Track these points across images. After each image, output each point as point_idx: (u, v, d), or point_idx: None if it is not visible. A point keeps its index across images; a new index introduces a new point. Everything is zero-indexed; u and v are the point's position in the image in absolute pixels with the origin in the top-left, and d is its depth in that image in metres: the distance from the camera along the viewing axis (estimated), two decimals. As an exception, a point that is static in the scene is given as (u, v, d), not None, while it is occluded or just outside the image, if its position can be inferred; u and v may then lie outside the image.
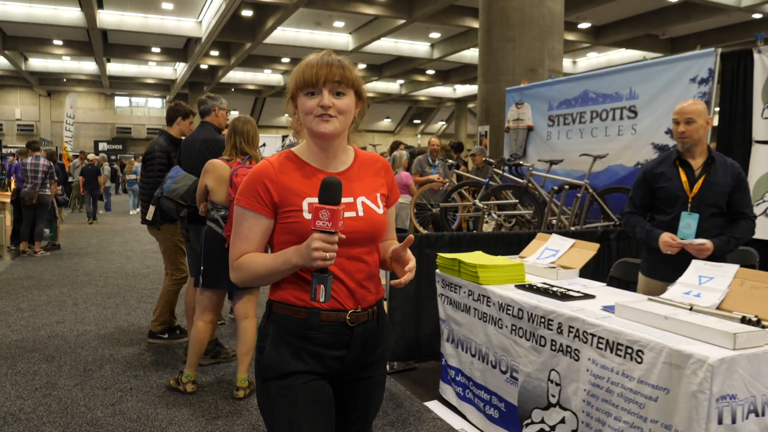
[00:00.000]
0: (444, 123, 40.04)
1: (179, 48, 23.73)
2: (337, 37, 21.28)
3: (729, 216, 2.92)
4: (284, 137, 12.50)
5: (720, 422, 1.99)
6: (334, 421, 1.59)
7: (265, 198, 1.51)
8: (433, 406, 3.39)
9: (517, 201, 5.93)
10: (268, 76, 29.29)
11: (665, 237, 2.85)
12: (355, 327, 1.55)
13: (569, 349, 2.50)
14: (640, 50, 21.49)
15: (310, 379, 1.52)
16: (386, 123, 37.81)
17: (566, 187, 5.71)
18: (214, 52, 22.88)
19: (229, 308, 5.09)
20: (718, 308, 2.37)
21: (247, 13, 18.10)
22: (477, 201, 6.09)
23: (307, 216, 1.47)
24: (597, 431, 2.37)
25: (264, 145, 10.89)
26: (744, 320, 2.18)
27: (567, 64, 24.39)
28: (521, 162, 6.13)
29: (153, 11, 18.65)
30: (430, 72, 26.63)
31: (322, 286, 1.37)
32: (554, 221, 5.64)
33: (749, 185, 4.63)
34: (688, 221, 2.84)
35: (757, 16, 18.03)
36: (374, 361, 1.63)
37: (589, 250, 3.32)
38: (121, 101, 35.16)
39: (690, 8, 17.43)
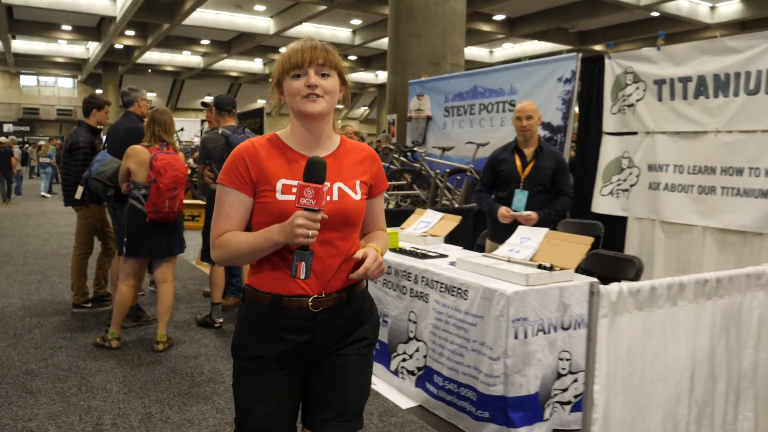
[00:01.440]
0: (367, 108, 40.77)
1: (92, 26, 23.19)
2: (258, 20, 21.51)
3: (552, 193, 3.81)
4: (203, 121, 12.83)
5: (516, 337, 2.84)
6: (296, 408, 1.67)
7: (244, 176, 1.57)
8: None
9: (412, 182, 6.76)
10: (187, 58, 28.98)
11: (502, 210, 3.71)
12: (319, 312, 1.59)
13: (422, 294, 3.31)
14: (552, 42, 23.02)
15: (275, 366, 1.59)
16: (310, 107, 38.23)
17: (447, 171, 6.59)
18: (130, 32, 22.55)
19: (148, 281, 5.62)
20: (530, 260, 3.23)
21: (164, -7, 18.07)
22: None
23: (280, 197, 1.53)
24: (439, 354, 3.18)
25: (182, 129, 11.23)
26: (540, 266, 3.04)
27: (484, 53, 25.70)
28: (416, 149, 6.96)
29: (64, -12, 18.26)
30: (353, 58, 27.25)
31: (302, 263, 1.43)
32: (445, 201, 6.51)
33: (599, 171, 5.65)
34: (520, 197, 3.70)
35: (655, 14, 19.78)
36: (348, 344, 1.65)
37: (453, 221, 4.14)
38: (27, 80, 33.71)
39: (595, 5, 18.91)
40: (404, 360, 3.47)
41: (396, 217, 5.00)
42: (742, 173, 4.56)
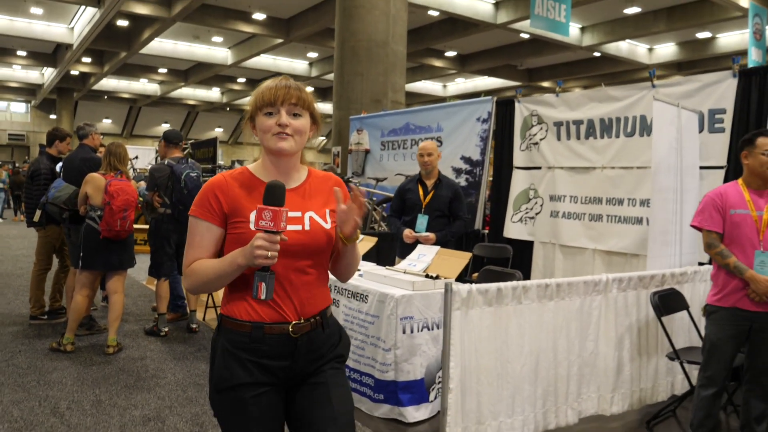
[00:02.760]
0: (324, 138, 41.63)
1: (48, 53, 23.54)
2: (216, 51, 22.23)
3: (449, 218, 4.59)
4: (157, 150, 13.36)
5: (404, 332, 3.57)
6: (283, 428, 1.73)
7: (216, 208, 1.65)
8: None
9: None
10: (144, 86, 29.42)
11: (406, 231, 4.48)
12: (299, 338, 1.66)
13: (334, 300, 4.02)
14: (502, 78, 24.36)
15: (260, 391, 1.65)
16: (269, 136, 38.88)
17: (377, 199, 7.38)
18: (87, 59, 22.97)
19: (101, 297, 6.17)
20: (423, 271, 3.98)
21: (122, 23, 18.64)
22: None
23: (254, 227, 1.55)
24: (347, 349, 3.89)
25: (137, 157, 11.79)
26: (427, 276, 3.80)
27: (438, 87, 26.93)
28: (351, 179, 7.74)
29: (20, 14, 18.66)
30: (310, 89, 28.16)
31: (263, 283, 1.49)
32: (375, 225, 7.29)
33: (510, 200, 6.49)
34: (421, 221, 4.48)
35: (596, 54, 21.28)
36: (322, 365, 1.72)
37: (370, 242, 4.89)
38: (-22, 104, 33.50)
39: (540, 44, 20.26)
40: (321, 357, 4.16)
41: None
42: (623, 203, 5.46)
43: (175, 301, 5.72)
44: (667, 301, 3.71)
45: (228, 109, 33.59)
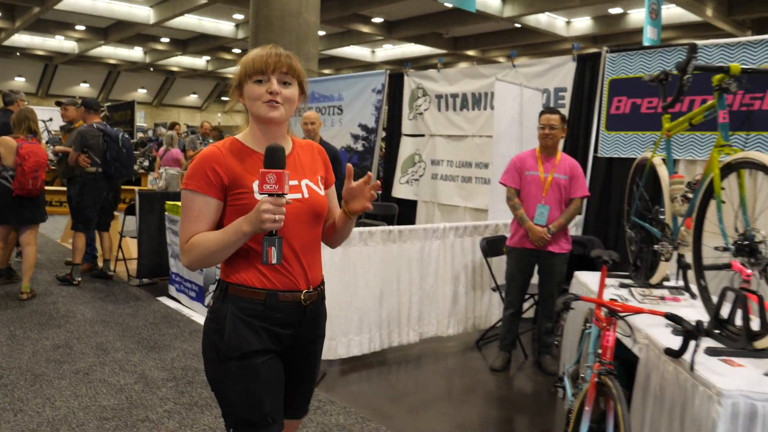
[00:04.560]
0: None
1: (-48, 5, 22.61)
2: (138, 9, 21.99)
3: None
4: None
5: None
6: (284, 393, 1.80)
7: (214, 180, 1.64)
8: (163, 299, 5.56)
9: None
10: (61, 43, 28.59)
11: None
12: (307, 306, 1.74)
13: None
14: (428, 46, 25.11)
15: (269, 357, 1.71)
16: (193, 99, 38.38)
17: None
18: (-4, 13, 22.25)
19: (15, 253, 6.74)
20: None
21: (35, -23, 18.24)
22: None
23: (259, 196, 1.57)
24: (232, 287, 4.71)
25: (51, 119, 11.99)
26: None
27: (366, 52, 27.49)
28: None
29: None
30: (237, 51, 28.16)
31: (273, 248, 1.49)
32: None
33: (399, 164, 7.35)
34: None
35: (517, 25, 22.34)
36: (318, 335, 1.84)
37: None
38: None
39: (464, 14, 21.07)
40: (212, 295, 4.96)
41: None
42: (487, 167, 6.43)
43: (92, 252, 6.36)
44: (494, 245, 4.69)
45: (152, 69, 33.03)
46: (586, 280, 3.43)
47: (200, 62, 31.80)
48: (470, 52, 25.75)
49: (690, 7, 17.50)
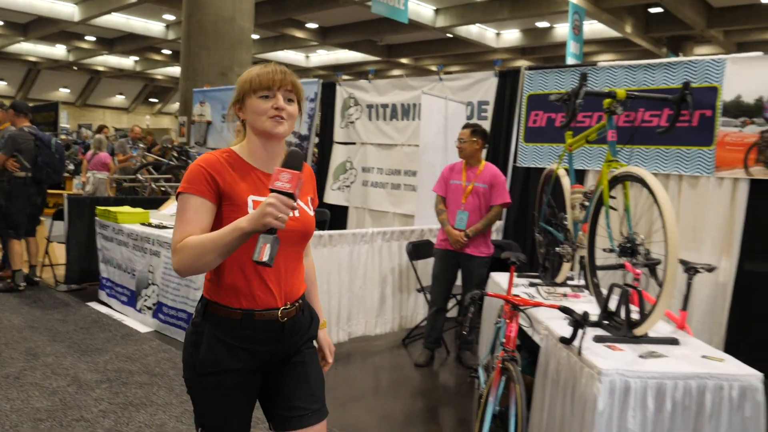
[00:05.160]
0: (181, 103, 40.78)
1: None
2: (61, 5, 21.32)
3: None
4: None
5: (211, 275, 4.57)
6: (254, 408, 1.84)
7: (211, 184, 1.66)
8: (93, 304, 5.60)
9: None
10: (-24, 37, 27.28)
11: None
12: (285, 322, 1.75)
13: (156, 252, 4.94)
14: (362, 53, 25.50)
15: (244, 375, 1.74)
16: (119, 100, 37.34)
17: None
18: None
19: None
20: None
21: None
22: (138, 175, 8.45)
23: (270, 188, 1.53)
24: (166, 291, 4.84)
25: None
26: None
27: (300, 57, 27.61)
28: (189, 148, 8.54)
29: None
30: (167, 52, 27.70)
31: (267, 245, 1.41)
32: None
33: (331, 171, 7.58)
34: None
35: (449, 35, 23.03)
36: (301, 345, 1.84)
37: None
38: None
39: (397, 23, 21.51)
40: (145, 300, 5.07)
41: (154, 202, 6.59)
42: (415, 175, 6.77)
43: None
44: (420, 249, 5.02)
45: (75, 68, 31.95)
46: (500, 280, 3.80)
47: (128, 62, 31.02)
48: (404, 60, 26.31)
49: (610, 23, 18.60)
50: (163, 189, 8.44)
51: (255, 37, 19.94)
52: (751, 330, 4.54)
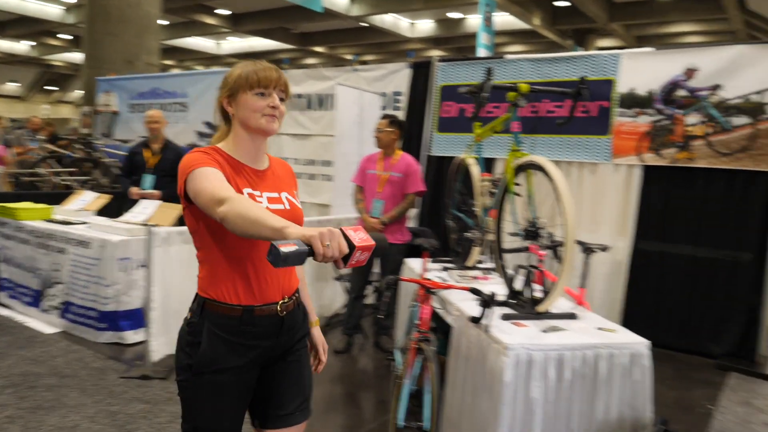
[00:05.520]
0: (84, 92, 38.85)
1: None
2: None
3: (175, 177, 5.54)
4: None
5: (122, 271, 4.48)
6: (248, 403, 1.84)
7: (220, 162, 1.69)
8: (-7, 306, 5.35)
9: (93, 169, 8.07)
10: None
11: (132, 189, 5.32)
12: (285, 316, 1.78)
13: (62, 249, 4.77)
14: (276, 41, 25.16)
15: (241, 373, 1.74)
16: (12, 87, 35.05)
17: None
18: None
19: None
20: (145, 221, 4.89)
21: None
22: (38, 169, 8.10)
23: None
24: (74, 290, 4.69)
25: None
26: (145, 225, 4.73)
27: (211, 44, 26.94)
28: (92, 140, 8.24)
29: None
30: (66, 37, 26.26)
31: (295, 247, 1.31)
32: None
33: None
34: (147, 179, 5.36)
35: (364, 24, 23.11)
36: (297, 340, 1.87)
37: (105, 199, 5.63)
38: None
39: (311, 11, 21.45)
40: (51, 300, 4.89)
41: (57, 197, 6.34)
42: (330, 164, 6.84)
43: None
44: (337, 239, 5.09)
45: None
46: (414, 265, 3.95)
47: (22, 47, 29.14)
48: (319, 49, 26.19)
49: (520, 16, 19.29)
50: (66, 183, 8.09)
51: (163, 23, 19.28)
52: (644, 303, 4.96)
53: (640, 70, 5.04)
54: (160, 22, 10.72)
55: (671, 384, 4.22)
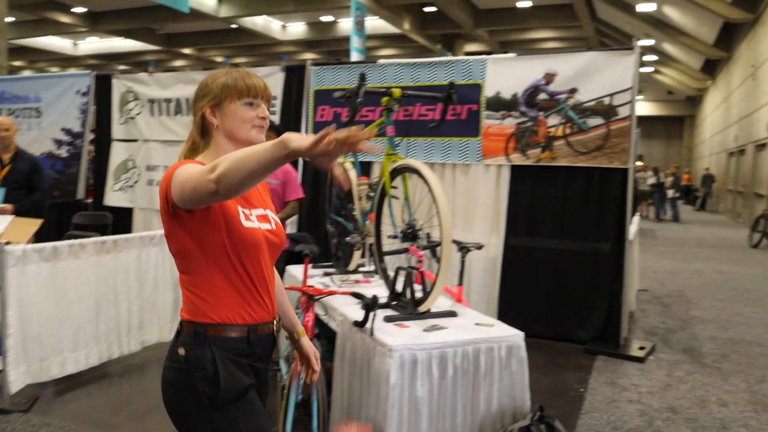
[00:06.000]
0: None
1: None
2: None
3: (28, 189, 5.11)
4: None
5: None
6: None
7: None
8: None
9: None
10: None
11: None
12: (275, 337, 1.76)
13: None
14: (141, 41, 23.99)
15: (254, 391, 1.70)
16: None
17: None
18: None
19: None
20: (-4, 239, 4.46)
21: None
22: None
23: (246, 223, 1.62)
24: None
25: None
26: (-4, 243, 4.32)
27: (67, 44, 25.22)
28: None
29: None
30: None
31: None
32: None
33: (111, 171, 7.11)
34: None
35: (234, 26, 22.60)
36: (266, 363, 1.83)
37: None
38: None
39: (178, 11, 20.63)
40: None
41: None
42: (206, 172, 6.62)
43: None
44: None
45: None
46: (296, 273, 3.92)
47: None
48: (186, 50, 25.31)
49: (390, 20, 19.76)
50: None
51: (10, 19, 17.70)
52: (517, 296, 5.25)
53: (505, 75, 5.32)
54: (7, 19, 9.85)
55: (545, 371, 4.49)
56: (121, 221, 6.91)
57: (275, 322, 1.74)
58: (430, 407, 2.61)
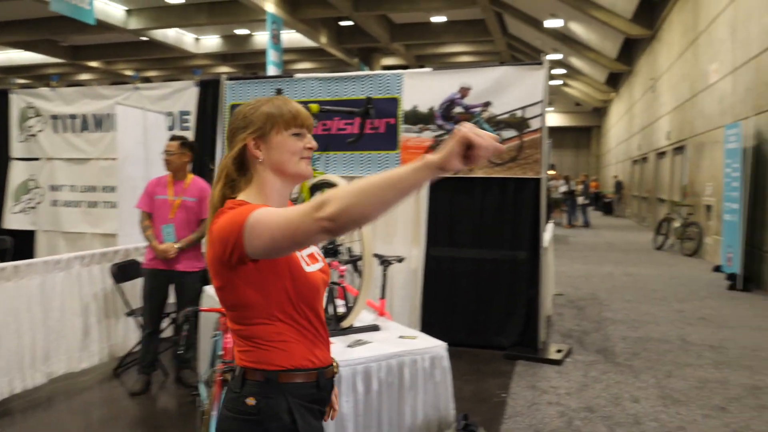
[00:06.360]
0: None
1: None
2: None
3: None
4: None
5: None
6: None
7: None
8: None
9: None
10: None
11: None
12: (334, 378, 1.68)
13: None
14: (43, 54, 22.83)
15: None
16: None
17: None
18: None
19: None
20: None
21: None
22: None
23: (307, 268, 1.55)
24: None
25: None
26: None
27: (-41, 58, 23.68)
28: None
29: None
30: None
31: None
32: None
33: (10, 192, 6.71)
34: None
35: (144, 38, 21.90)
36: None
37: None
38: None
39: (82, 22, 19.79)
40: None
41: None
42: (114, 190, 6.34)
43: None
44: (125, 270, 4.74)
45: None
46: (213, 293, 3.80)
47: None
48: (93, 63, 24.33)
49: (307, 33, 19.75)
50: None
51: None
52: (439, 306, 5.32)
53: (421, 89, 5.42)
54: None
55: (468, 379, 4.57)
56: (22, 245, 6.51)
57: (335, 364, 1.67)
58: (356, 423, 2.60)
